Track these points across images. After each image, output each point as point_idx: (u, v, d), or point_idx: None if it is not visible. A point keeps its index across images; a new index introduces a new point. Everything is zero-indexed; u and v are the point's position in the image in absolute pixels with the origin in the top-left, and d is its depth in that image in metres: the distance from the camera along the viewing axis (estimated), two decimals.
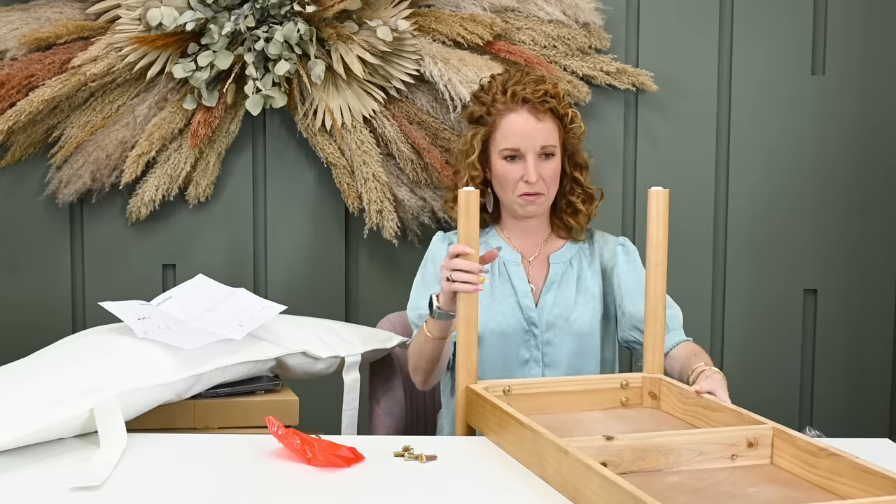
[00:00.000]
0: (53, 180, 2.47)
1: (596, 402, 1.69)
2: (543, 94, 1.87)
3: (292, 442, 1.44)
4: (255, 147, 2.53)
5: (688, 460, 1.37)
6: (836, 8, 2.50)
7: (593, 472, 1.21)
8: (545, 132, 1.87)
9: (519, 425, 1.43)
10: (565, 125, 1.91)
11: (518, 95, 1.87)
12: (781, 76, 2.52)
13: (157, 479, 1.38)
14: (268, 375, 1.82)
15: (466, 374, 1.65)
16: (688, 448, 1.38)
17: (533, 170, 1.86)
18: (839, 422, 2.58)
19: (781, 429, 1.41)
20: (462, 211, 1.60)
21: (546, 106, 1.87)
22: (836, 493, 1.29)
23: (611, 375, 1.74)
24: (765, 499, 1.28)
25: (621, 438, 1.35)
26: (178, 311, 1.78)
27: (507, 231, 1.99)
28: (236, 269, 2.53)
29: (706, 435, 1.40)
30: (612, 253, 1.98)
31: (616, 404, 1.71)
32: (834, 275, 2.57)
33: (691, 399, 1.60)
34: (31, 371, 1.59)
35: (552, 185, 1.90)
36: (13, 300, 2.53)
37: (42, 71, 2.37)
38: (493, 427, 1.54)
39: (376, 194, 2.43)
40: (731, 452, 1.40)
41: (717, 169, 2.55)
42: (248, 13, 2.32)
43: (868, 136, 2.54)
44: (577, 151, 1.95)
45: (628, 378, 1.72)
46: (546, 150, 1.88)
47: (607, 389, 1.71)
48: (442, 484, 1.37)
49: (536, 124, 1.87)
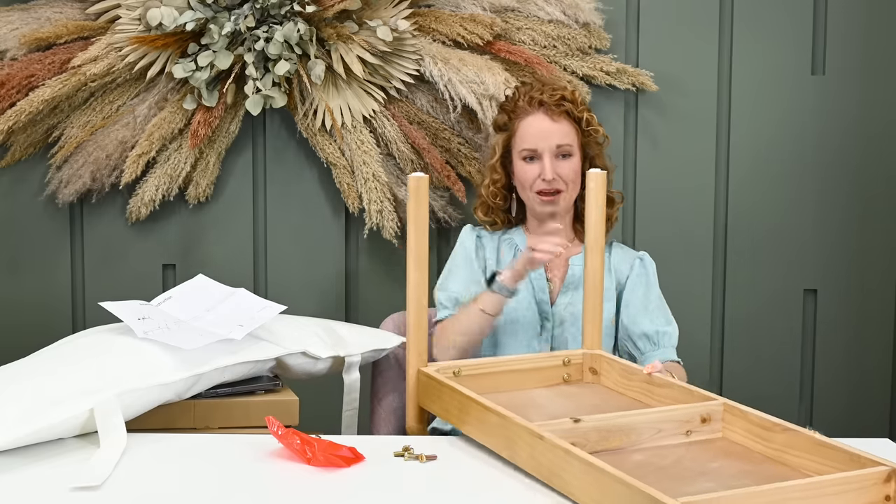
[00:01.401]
0: (53, 180, 2.47)
1: (541, 380, 1.73)
2: (560, 98, 1.95)
3: (292, 442, 1.44)
4: (255, 147, 2.53)
5: (647, 438, 1.41)
6: (836, 8, 2.50)
7: (573, 457, 1.23)
8: (561, 132, 1.94)
9: (484, 410, 1.44)
10: (583, 129, 1.96)
11: (535, 99, 1.95)
12: (781, 76, 2.52)
13: (157, 479, 1.38)
14: (268, 375, 1.82)
15: (417, 356, 1.66)
16: (647, 426, 1.42)
17: (549, 167, 1.92)
18: (839, 422, 2.58)
19: (732, 404, 1.45)
20: (412, 196, 1.62)
21: (562, 108, 1.94)
22: (790, 466, 1.33)
23: (553, 353, 1.79)
24: (729, 473, 1.32)
25: (587, 420, 1.39)
26: (178, 311, 1.78)
27: (531, 233, 2.05)
28: (236, 269, 2.53)
29: (664, 413, 1.44)
30: (628, 266, 2.02)
31: (559, 381, 1.75)
32: (834, 275, 2.57)
33: (636, 375, 1.64)
34: (31, 371, 1.59)
35: (571, 184, 1.95)
36: (13, 300, 2.53)
37: (42, 71, 2.37)
38: (452, 411, 1.55)
39: (376, 194, 2.43)
40: (685, 429, 1.44)
41: (717, 169, 2.55)
42: (248, 13, 2.32)
43: (868, 135, 2.54)
44: (597, 156, 2.00)
45: (569, 355, 1.76)
46: (562, 149, 1.94)
47: (551, 367, 1.75)
48: (442, 484, 1.38)
49: (552, 125, 1.94)
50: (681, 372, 1.91)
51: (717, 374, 2.57)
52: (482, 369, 1.70)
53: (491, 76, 2.35)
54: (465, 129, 2.46)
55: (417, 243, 1.64)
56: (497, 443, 1.42)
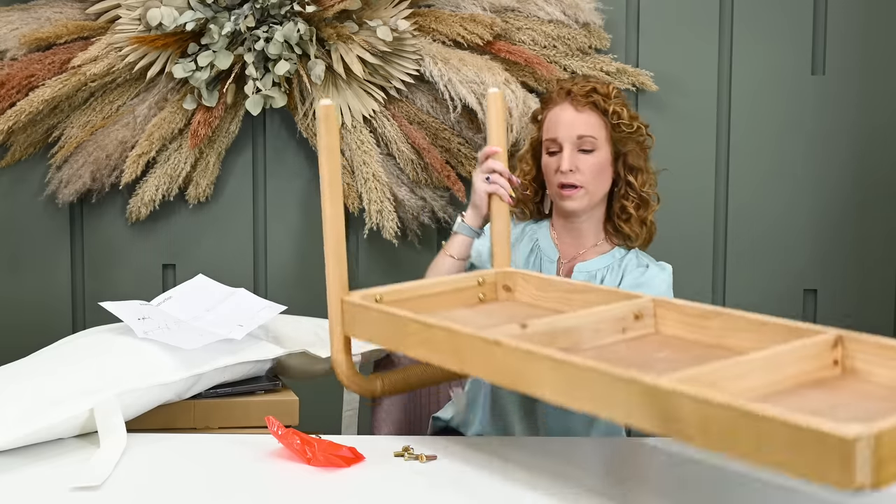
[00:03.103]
0: (53, 180, 2.47)
1: (459, 301, 1.72)
2: (590, 89, 1.87)
3: (292, 442, 1.44)
4: (255, 147, 2.53)
5: (587, 338, 1.41)
6: (836, 8, 2.50)
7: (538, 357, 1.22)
8: (584, 123, 1.86)
9: (427, 328, 1.42)
10: (612, 122, 1.88)
11: (564, 89, 1.90)
12: (781, 76, 2.52)
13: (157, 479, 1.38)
14: (268, 375, 1.82)
15: (339, 286, 1.64)
16: (588, 327, 1.41)
17: (567, 157, 1.85)
18: None
19: (661, 299, 1.46)
20: (322, 124, 1.61)
21: (588, 99, 1.86)
22: (734, 349, 1.32)
23: (468, 274, 1.78)
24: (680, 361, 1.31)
25: (533, 324, 1.37)
26: (178, 311, 1.78)
27: (556, 229, 1.97)
28: (236, 269, 2.53)
29: (601, 313, 1.43)
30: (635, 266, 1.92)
31: (476, 301, 1.73)
32: (834, 275, 2.57)
33: (553, 286, 1.63)
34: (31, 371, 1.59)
35: (592, 180, 1.87)
36: (13, 300, 2.53)
37: (42, 71, 2.37)
38: (386, 335, 1.53)
39: (376, 194, 2.43)
40: (621, 326, 1.44)
41: (717, 169, 2.56)
42: (248, 13, 2.32)
43: (868, 135, 2.54)
44: (632, 153, 1.91)
45: (483, 275, 1.74)
46: (584, 140, 1.86)
47: (466, 288, 1.73)
48: (442, 484, 1.38)
49: (575, 114, 1.87)
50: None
51: None
52: (402, 295, 1.67)
53: (491, 76, 2.35)
54: (465, 129, 2.46)
55: (331, 173, 1.63)
56: (445, 358, 1.40)
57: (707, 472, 1.41)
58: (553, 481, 1.36)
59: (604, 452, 1.63)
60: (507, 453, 1.50)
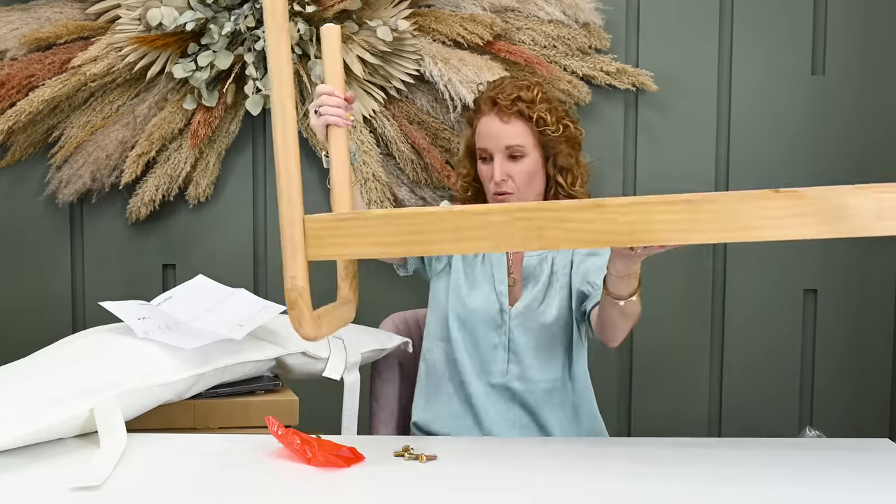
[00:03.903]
0: (53, 180, 2.47)
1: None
2: (515, 98, 1.91)
3: (292, 442, 1.44)
4: (255, 147, 2.53)
5: None
6: (836, 8, 2.50)
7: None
8: (511, 133, 1.90)
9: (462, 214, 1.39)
10: (539, 129, 1.91)
11: (490, 99, 1.93)
12: (781, 76, 2.52)
13: (157, 479, 1.38)
14: (268, 375, 1.82)
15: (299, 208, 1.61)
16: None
17: (498, 169, 1.90)
18: (839, 422, 2.58)
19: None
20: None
21: (514, 108, 1.90)
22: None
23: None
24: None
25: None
26: (179, 311, 1.78)
27: None
28: (236, 269, 2.53)
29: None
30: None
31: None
32: (834, 275, 2.57)
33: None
34: (31, 371, 1.59)
35: (522, 186, 1.92)
36: (13, 300, 2.53)
37: (42, 71, 2.37)
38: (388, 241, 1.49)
39: (376, 194, 2.43)
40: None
41: (717, 169, 2.56)
42: (248, 13, 2.32)
43: (867, 135, 2.54)
44: (560, 154, 1.94)
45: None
46: (512, 150, 1.90)
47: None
48: (442, 484, 1.38)
49: (502, 126, 1.91)
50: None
51: (717, 374, 2.57)
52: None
53: (491, 76, 2.35)
54: (464, 129, 2.46)
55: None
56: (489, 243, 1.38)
57: (690, 470, 1.41)
58: (553, 481, 1.36)
59: (602, 452, 1.63)
60: (507, 453, 1.50)
